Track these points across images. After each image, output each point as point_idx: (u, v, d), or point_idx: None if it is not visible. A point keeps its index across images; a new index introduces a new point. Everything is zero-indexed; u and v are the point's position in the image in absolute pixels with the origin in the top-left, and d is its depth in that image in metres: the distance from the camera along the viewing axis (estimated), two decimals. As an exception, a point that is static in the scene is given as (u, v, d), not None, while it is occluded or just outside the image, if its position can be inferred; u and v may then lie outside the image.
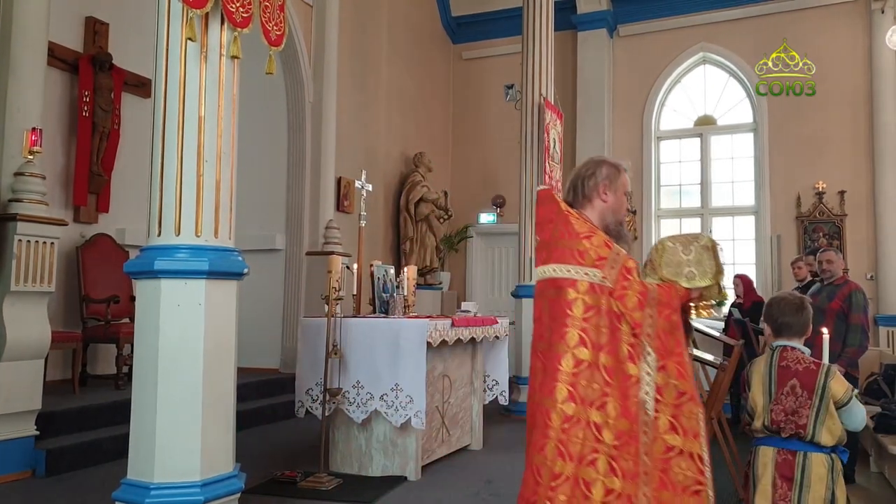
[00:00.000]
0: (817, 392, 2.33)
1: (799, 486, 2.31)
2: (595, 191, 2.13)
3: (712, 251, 2.08)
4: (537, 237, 2.12)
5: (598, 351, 1.90)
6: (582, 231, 2.01)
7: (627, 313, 1.91)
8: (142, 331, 2.74)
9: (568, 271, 1.96)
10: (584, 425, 1.86)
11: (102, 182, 5.64)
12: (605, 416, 1.86)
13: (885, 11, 7.99)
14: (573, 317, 1.92)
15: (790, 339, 2.48)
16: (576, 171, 2.21)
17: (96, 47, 5.61)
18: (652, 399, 1.88)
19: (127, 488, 2.65)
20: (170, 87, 2.75)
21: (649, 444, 1.87)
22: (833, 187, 8.32)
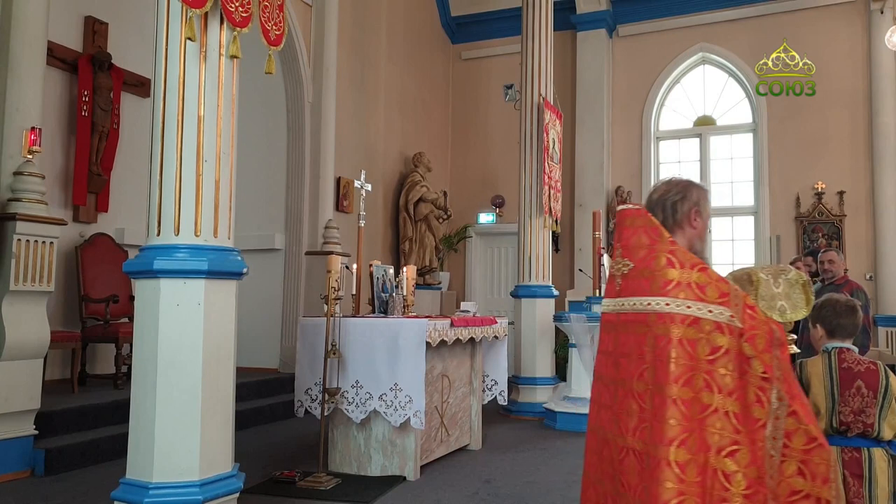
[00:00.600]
0: (881, 391, 2.41)
1: (868, 482, 2.37)
2: (686, 216, 1.95)
3: (801, 285, 2.03)
4: (627, 261, 1.88)
5: (725, 395, 1.72)
6: (696, 262, 1.81)
7: (758, 355, 1.73)
8: (141, 330, 2.74)
9: (688, 307, 1.75)
10: (712, 473, 1.70)
11: (102, 182, 5.64)
12: (737, 464, 1.71)
13: (884, 12, 8.00)
14: (697, 357, 1.73)
15: (843, 340, 2.53)
16: (660, 192, 2.01)
17: (96, 47, 5.61)
18: (780, 444, 1.75)
19: (126, 488, 2.65)
20: (169, 86, 2.75)
21: (774, 488, 1.76)
22: (832, 188, 8.33)
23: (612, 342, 1.89)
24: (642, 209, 1.96)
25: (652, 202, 1.99)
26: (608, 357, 1.90)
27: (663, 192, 2.01)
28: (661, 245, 1.84)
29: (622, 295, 1.88)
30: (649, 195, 2.05)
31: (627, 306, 1.86)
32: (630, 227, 1.92)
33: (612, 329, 1.90)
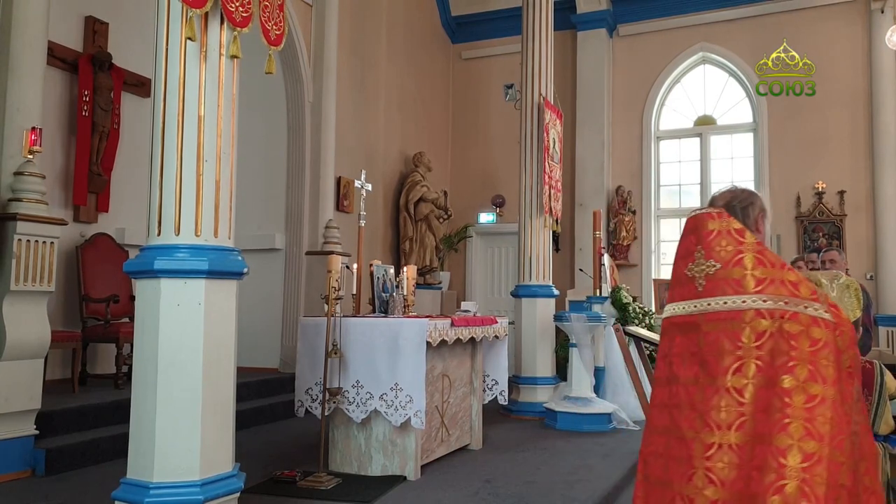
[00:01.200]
0: (876, 389, 2.50)
1: None
2: (755, 221, 2.05)
3: (853, 290, 2.15)
4: (712, 262, 1.93)
5: (829, 385, 1.78)
6: (783, 262, 1.89)
7: (845, 350, 1.83)
8: (141, 330, 2.74)
9: (785, 303, 1.82)
10: (827, 464, 1.76)
11: (102, 182, 5.64)
12: (843, 455, 1.78)
13: (884, 11, 8.00)
14: (800, 350, 1.79)
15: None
16: (725, 197, 2.10)
17: (96, 47, 5.61)
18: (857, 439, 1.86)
19: (126, 488, 2.65)
20: (169, 86, 2.75)
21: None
22: (833, 187, 8.33)
23: (694, 342, 1.92)
24: (724, 212, 2.01)
25: (718, 207, 2.06)
26: (690, 358, 1.92)
27: (729, 197, 2.10)
28: (748, 245, 1.92)
29: (708, 295, 1.92)
30: (712, 201, 2.14)
31: (716, 305, 1.90)
32: (713, 229, 1.97)
33: (692, 329, 1.93)
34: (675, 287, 2.05)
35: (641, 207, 9.31)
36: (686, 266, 2.00)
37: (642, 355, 3.59)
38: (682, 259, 2.03)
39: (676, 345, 1.98)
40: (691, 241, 2.02)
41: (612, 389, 6.39)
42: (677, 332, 1.99)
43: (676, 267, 2.07)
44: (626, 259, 9.15)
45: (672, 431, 1.92)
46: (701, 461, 1.82)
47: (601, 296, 6.63)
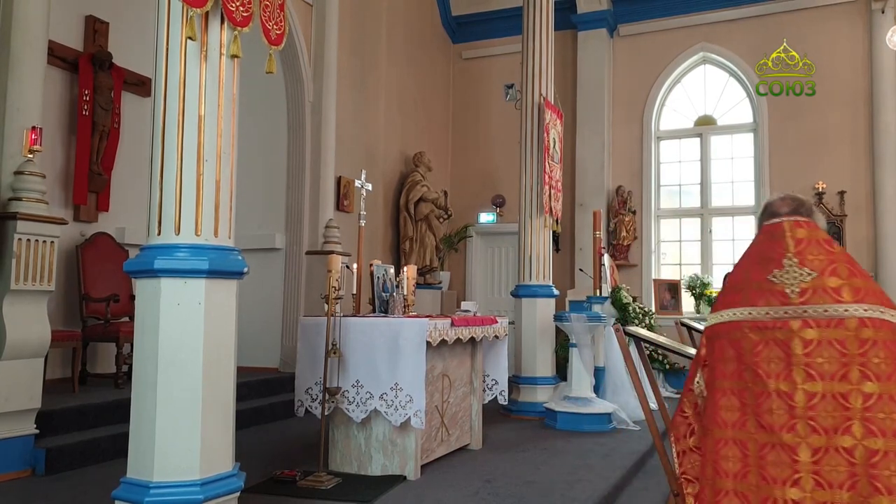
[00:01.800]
0: None
1: None
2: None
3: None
4: (807, 270, 1.99)
5: None
6: (866, 271, 2.03)
7: None
8: (141, 330, 2.74)
9: (881, 312, 1.92)
10: None
11: (102, 181, 5.64)
12: None
13: (885, 11, 8.00)
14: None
15: None
16: (788, 205, 2.18)
17: (96, 46, 5.61)
18: None
19: (126, 487, 2.65)
20: (170, 86, 2.75)
21: None
22: (833, 187, 8.33)
23: (786, 348, 1.95)
24: (811, 221, 2.09)
25: (780, 215, 2.14)
26: (778, 362, 1.95)
27: (795, 205, 2.17)
28: (838, 255, 2.00)
29: (805, 303, 1.96)
30: (775, 207, 2.21)
31: (813, 313, 1.94)
32: (803, 238, 2.04)
33: (781, 335, 1.97)
34: (747, 291, 2.05)
35: (641, 207, 9.31)
36: (769, 272, 2.02)
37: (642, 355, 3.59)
38: (758, 264, 2.07)
39: (757, 351, 1.99)
40: (775, 247, 2.06)
41: (612, 389, 6.39)
42: (756, 336, 1.99)
43: (751, 271, 2.09)
44: (627, 259, 9.15)
45: (753, 438, 1.95)
46: (811, 465, 1.87)
47: (601, 296, 6.63)
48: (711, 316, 2.14)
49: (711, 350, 2.10)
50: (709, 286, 8.82)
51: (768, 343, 1.97)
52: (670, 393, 7.58)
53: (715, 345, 2.07)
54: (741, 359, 2.00)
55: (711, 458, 2.02)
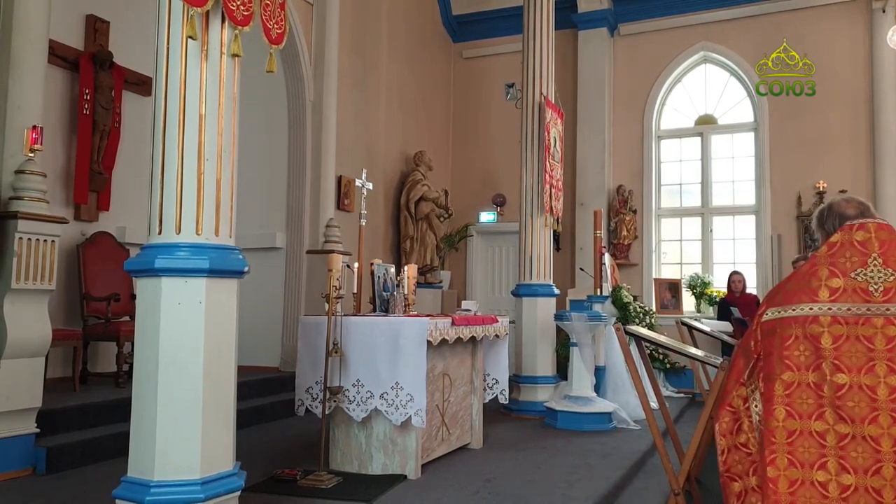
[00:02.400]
0: None
1: None
2: None
3: None
4: (891, 271, 2.14)
5: None
6: None
7: None
8: (142, 329, 2.74)
9: None
10: None
11: (103, 180, 5.65)
12: None
13: (885, 11, 7.99)
14: None
15: None
16: (855, 207, 2.34)
17: (97, 45, 5.61)
18: None
19: (127, 486, 2.65)
20: (170, 85, 2.75)
21: None
22: (834, 187, 8.31)
23: (870, 344, 2.09)
24: (891, 225, 2.22)
25: (850, 217, 2.29)
26: (861, 357, 2.09)
27: (861, 208, 2.34)
28: None
29: (888, 301, 2.11)
30: (840, 210, 2.37)
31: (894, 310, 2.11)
32: (885, 239, 2.17)
33: (864, 330, 2.10)
34: (827, 288, 2.17)
35: (642, 207, 9.30)
36: (853, 269, 2.16)
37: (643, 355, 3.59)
38: (838, 263, 2.19)
39: (839, 345, 2.11)
40: (856, 247, 2.19)
41: (612, 389, 6.39)
42: (838, 331, 2.12)
43: (831, 267, 2.19)
44: (627, 258, 9.15)
45: (839, 427, 2.06)
46: (891, 454, 2.01)
47: (602, 295, 6.63)
48: (776, 309, 2.22)
49: (775, 342, 2.17)
50: (709, 285, 8.82)
51: (848, 338, 2.09)
52: (671, 392, 7.58)
53: (781, 337, 2.16)
54: (819, 352, 2.10)
55: (787, 450, 2.10)
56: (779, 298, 2.26)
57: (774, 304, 2.25)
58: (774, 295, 2.33)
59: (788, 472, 2.09)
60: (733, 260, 8.92)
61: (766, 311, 2.27)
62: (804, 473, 2.08)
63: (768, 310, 2.26)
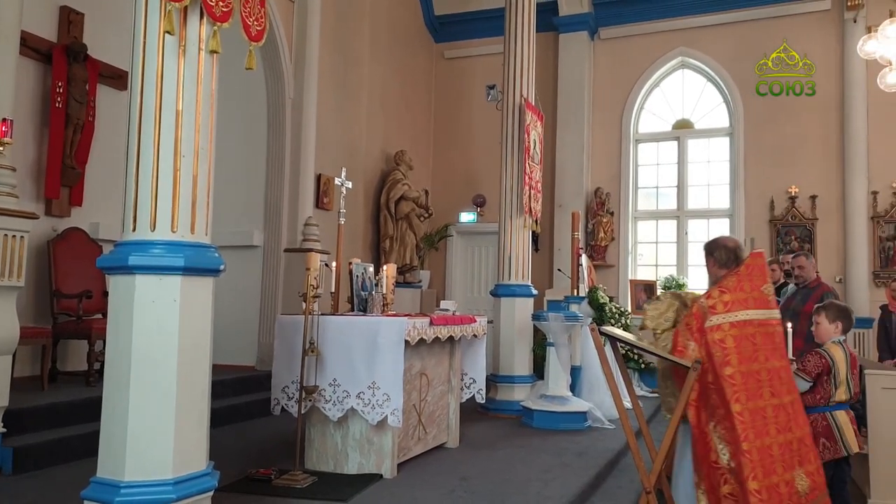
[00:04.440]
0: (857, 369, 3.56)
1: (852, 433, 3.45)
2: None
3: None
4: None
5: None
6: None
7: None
8: (115, 327, 2.70)
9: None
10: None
11: (76, 175, 5.55)
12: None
13: (857, 21, 8.17)
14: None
15: (845, 334, 3.54)
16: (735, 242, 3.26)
17: (71, 37, 5.51)
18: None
19: (96, 487, 2.61)
20: (146, 80, 2.71)
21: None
22: (805, 192, 8.49)
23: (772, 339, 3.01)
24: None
25: (732, 248, 3.18)
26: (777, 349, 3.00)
27: (737, 242, 3.25)
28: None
29: (776, 307, 3.07)
30: (733, 244, 3.21)
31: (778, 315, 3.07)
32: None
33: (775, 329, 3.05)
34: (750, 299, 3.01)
35: (619, 209, 9.40)
36: (762, 285, 3.02)
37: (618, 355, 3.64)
38: (754, 279, 3.02)
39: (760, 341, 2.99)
40: (763, 269, 3.07)
41: (587, 388, 6.45)
42: (760, 330, 2.98)
43: (749, 282, 3.01)
44: (604, 260, 9.23)
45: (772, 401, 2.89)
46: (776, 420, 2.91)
47: (579, 296, 6.68)
48: (722, 315, 2.90)
49: (734, 340, 2.89)
50: (684, 287, 8.94)
51: (765, 335, 2.96)
52: (645, 392, 7.67)
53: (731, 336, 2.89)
54: (755, 346, 2.90)
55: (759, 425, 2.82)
56: (717, 308, 2.92)
57: (716, 312, 2.92)
58: (704, 308, 2.95)
59: (757, 443, 2.80)
60: (708, 262, 9.05)
61: (708, 319, 2.92)
62: (763, 440, 2.82)
63: (710, 317, 2.91)
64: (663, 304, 3.13)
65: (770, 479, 2.78)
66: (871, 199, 8.20)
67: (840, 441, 3.40)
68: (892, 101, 7.04)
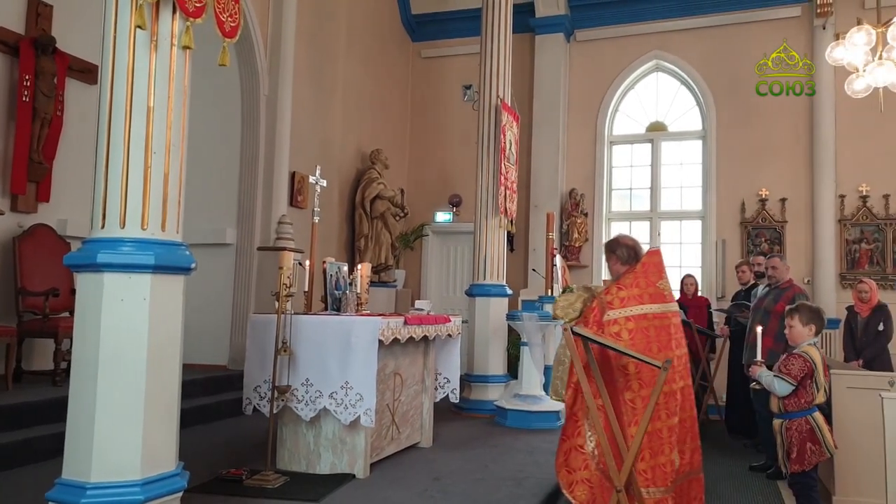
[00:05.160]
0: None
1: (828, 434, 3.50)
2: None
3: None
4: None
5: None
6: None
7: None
8: (82, 325, 2.65)
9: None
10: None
11: (43, 170, 5.43)
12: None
13: (826, 28, 8.34)
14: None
15: (817, 337, 3.57)
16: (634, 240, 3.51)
17: (39, 30, 5.39)
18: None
19: (61, 488, 2.56)
20: (117, 75, 2.67)
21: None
22: (775, 194, 8.65)
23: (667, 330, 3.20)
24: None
25: (630, 246, 3.40)
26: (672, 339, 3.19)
27: (635, 240, 3.46)
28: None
29: (673, 301, 3.26)
30: (633, 242, 3.44)
31: (674, 307, 3.27)
32: (663, 261, 3.32)
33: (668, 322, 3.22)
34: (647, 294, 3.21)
35: (593, 210, 9.48)
36: (658, 280, 3.23)
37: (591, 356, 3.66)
38: (650, 275, 3.23)
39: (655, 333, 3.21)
40: (659, 266, 3.28)
41: (561, 388, 6.49)
42: (656, 323, 3.18)
43: (645, 278, 3.22)
44: (578, 260, 9.31)
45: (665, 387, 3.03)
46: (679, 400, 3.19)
47: (553, 295, 6.73)
48: (618, 311, 3.12)
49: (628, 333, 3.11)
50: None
51: (661, 328, 3.15)
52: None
53: (628, 329, 3.12)
54: (650, 337, 3.10)
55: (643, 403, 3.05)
56: (615, 303, 3.14)
57: (613, 307, 3.14)
58: (603, 303, 3.19)
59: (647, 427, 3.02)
60: (680, 263, 9.19)
61: (606, 313, 3.14)
62: (653, 425, 3.02)
63: (608, 311, 3.14)
64: (573, 296, 3.33)
65: (657, 460, 3.05)
66: (839, 202, 8.38)
67: (823, 443, 3.43)
68: (860, 106, 7.20)
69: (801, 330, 3.56)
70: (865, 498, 4.08)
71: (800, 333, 3.56)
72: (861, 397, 4.17)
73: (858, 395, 4.20)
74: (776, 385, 3.46)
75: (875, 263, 8.25)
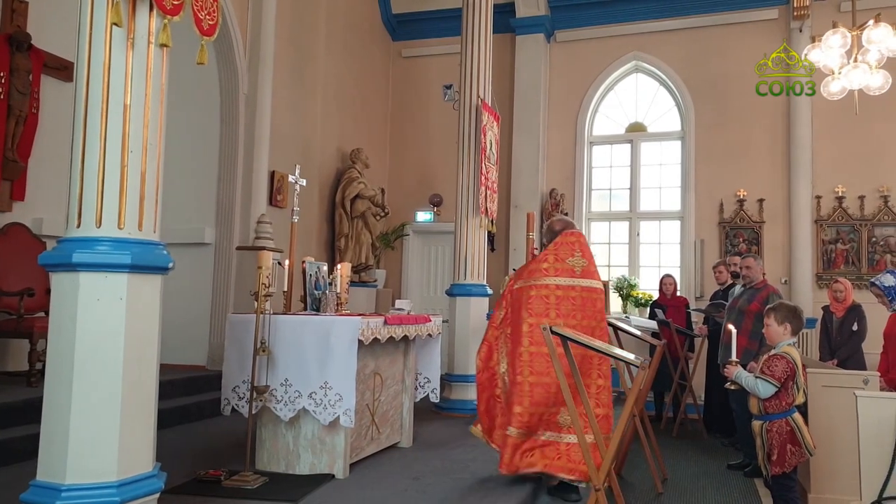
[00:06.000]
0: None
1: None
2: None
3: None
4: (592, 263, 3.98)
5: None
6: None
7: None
8: (57, 325, 2.62)
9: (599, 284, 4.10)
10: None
11: (18, 168, 5.34)
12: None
13: (802, 31, 8.49)
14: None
15: (794, 337, 3.60)
16: (569, 219, 4.26)
17: (14, 26, 5.31)
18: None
19: (36, 490, 2.53)
20: (93, 73, 2.64)
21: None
22: (753, 195, 8.78)
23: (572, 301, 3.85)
24: (582, 234, 4.11)
25: (558, 231, 4.07)
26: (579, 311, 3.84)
27: (565, 223, 4.13)
28: (589, 253, 3.98)
29: (581, 277, 3.85)
30: (566, 222, 4.16)
31: (584, 283, 3.86)
32: (584, 241, 3.98)
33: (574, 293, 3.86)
34: (553, 268, 3.91)
35: (573, 210, 9.54)
36: (568, 257, 3.90)
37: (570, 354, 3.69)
38: (560, 253, 3.94)
39: (558, 302, 3.86)
40: (569, 245, 3.94)
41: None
42: (560, 294, 3.85)
43: (555, 254, 3.93)
44: (559, 260, 9.35)
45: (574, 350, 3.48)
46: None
47: (533, 296, 6.75)
48: (527, 280, 3.90)
49: (523, 300, 3.85)
50: (636, 287, 9.14)
51: (564, 298, 3.81)
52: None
53: (528, 297, 3.84)
54: (548, 305, 3.78)
55: (529, 364, 3.77)
56: (525, 274, 3.92)
57: (522, 278, 3.92)
58: (521, 272, 3.99)
59: (530, 378, 3.73)
60: (659, 263, 9.29)
61: (516, 283, 3.97)
62: (539, 378, 3.70)
63: (518, 281, 3.96)
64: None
65: (537, 409, 3.71)
66: (815, 203, 8.53)
67: (803, 444, 3.42)
68: (835, 108, 7.33)
69: (777, 329, 3.52)
70: (840, 495, 4.12)
71: (775, 332, 3.53)
72: (836, 396, 4.21)
73: (834, 394, 4.24)
74: (759, 387, 3.38)
75: (850, 263, 8.40)
